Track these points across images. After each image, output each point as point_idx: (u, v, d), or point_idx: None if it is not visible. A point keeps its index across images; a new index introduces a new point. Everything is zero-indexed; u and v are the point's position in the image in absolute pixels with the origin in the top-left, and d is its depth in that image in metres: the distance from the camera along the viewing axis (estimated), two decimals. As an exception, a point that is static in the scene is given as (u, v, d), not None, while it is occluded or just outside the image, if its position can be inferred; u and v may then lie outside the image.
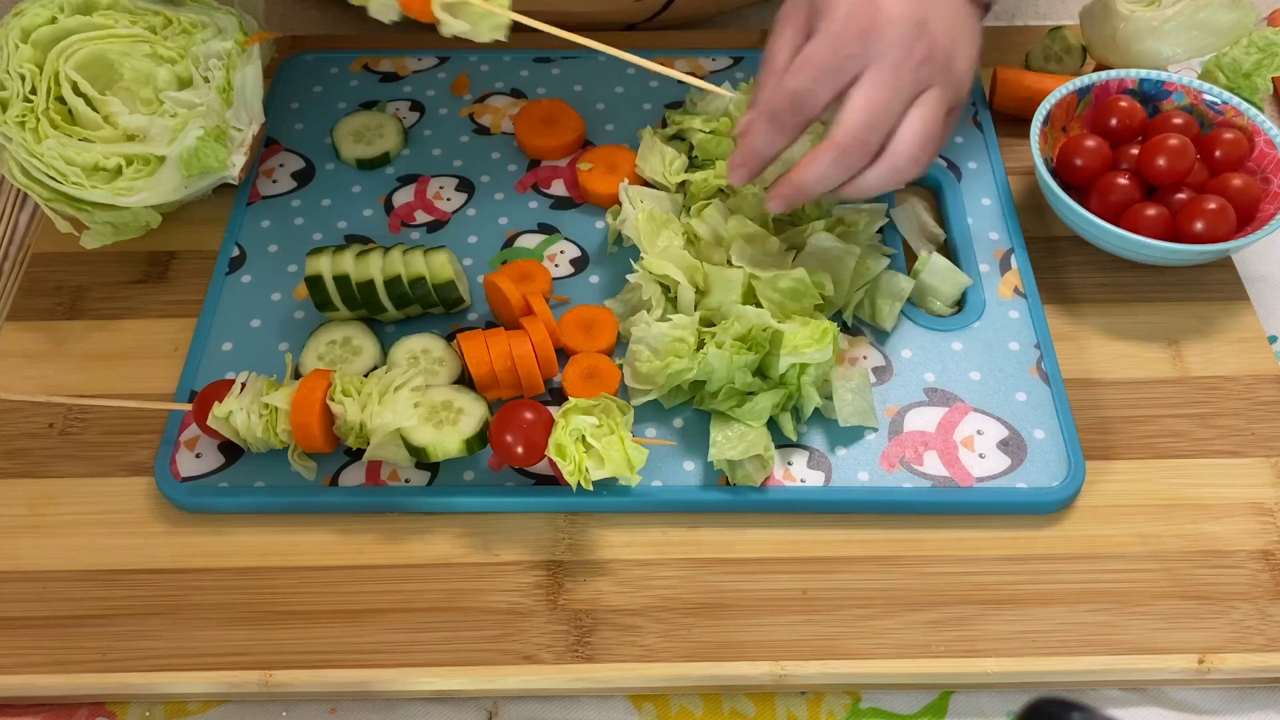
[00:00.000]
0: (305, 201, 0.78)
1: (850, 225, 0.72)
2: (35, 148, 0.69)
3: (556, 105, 0.81)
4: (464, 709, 0.60)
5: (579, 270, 0.74)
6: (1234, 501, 0.64)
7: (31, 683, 0.58)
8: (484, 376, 0.65)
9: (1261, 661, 0.58)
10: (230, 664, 0.58)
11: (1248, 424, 0.67)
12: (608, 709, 0.60)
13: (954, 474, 0.63)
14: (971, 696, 0.60)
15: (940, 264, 0.72)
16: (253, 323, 0.71)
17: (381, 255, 0.69)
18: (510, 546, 0.62)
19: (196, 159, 0.71)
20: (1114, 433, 0.67)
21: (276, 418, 0.62)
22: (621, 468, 0.59)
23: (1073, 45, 0.84)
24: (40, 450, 0.67)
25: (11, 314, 0.74)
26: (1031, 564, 0.61)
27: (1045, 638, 0.59)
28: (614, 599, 0.60)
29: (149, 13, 0.74)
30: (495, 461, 0.65)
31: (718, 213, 0.72)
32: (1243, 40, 0.77)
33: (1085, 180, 0.74)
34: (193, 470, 0.65)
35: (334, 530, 0.63)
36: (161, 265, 0.76)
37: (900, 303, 0.70)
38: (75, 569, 0.62)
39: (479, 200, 0.78)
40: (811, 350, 0.63)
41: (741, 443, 0.63)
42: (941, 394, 0.67)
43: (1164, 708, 0.59)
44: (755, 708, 0.60)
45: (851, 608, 0.60)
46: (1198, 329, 0.71)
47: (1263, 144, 0.74)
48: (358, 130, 0.81)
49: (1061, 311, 0.72)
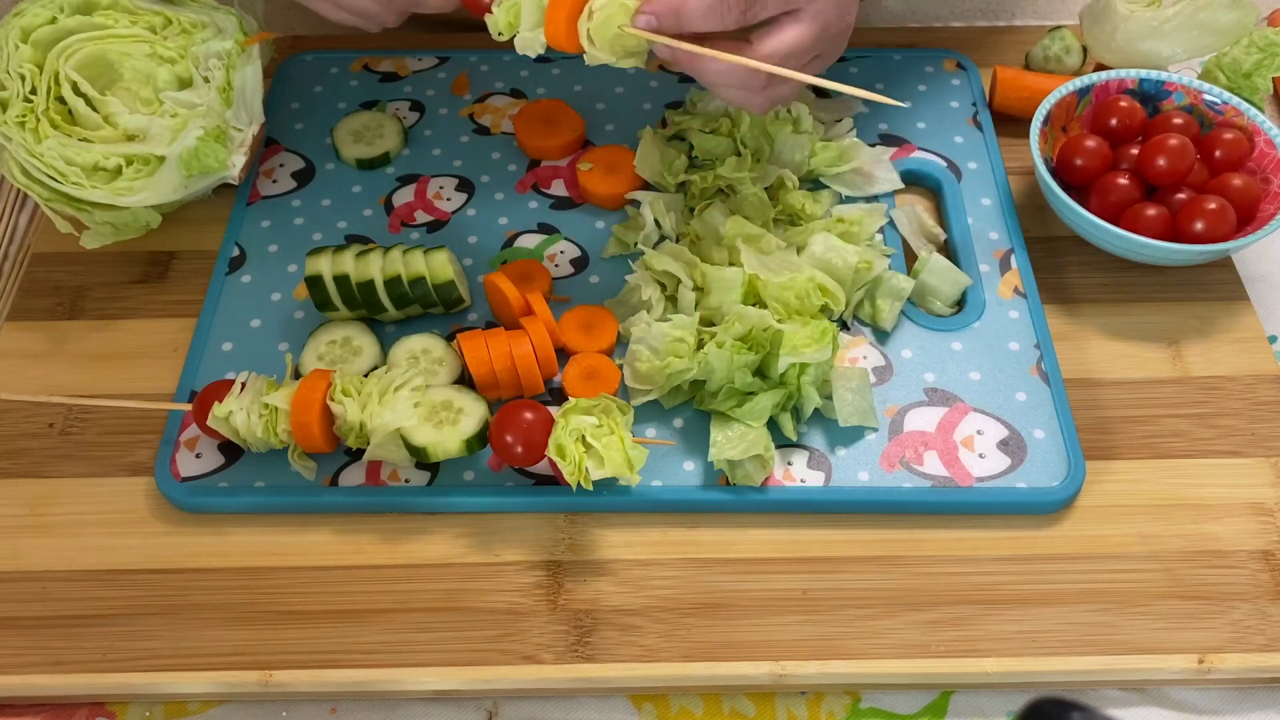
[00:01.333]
0: (305, 201, 0.78)
1: (850, 225, 0.72)
2: (35, 148, 0.69)
3: (556, 105, 0.81)
4: (464, 709, 0.60)
5: (579, 270, 0.74)
6: (1234, 501, 0.64)
7: (31, 683, 0.59)
8: (484, 376, 0.65)
9: (1261, 661, 0.58)
10: (230, 664, 0.58)
11: (1248, 424, 0.67)
12: (608, 709, 0.60)
13: (954, 474, 0.63)
14: (971, 696, 0.60)
15: (940, 264, 0.72)
16: (253, 323, 0.71)
17: (381, 255, 0.69)
18: (510, 546, 0.62)
19: (196, 159, 0.71)
20: (1114, 433, 0.67)
21: (276, 418, 0.62)
22: (621, 468, 0.59)
23: (1073, 45, 0.84)
24: (40, 450, 0.67)
25: (11, 314, 0.74)
26: (1031, 564, 0.61)
27: (1045, 638, 0.59)
28: (614, 599, 0.60)
29: (149, 13, 0.74)
30: (495, 461, 0.65)
31: (718, 212, 0.72)
32: (1243, 40, 0.77)
33: (1085, 180, 0.74)
34: (193, 470, 0.65)
35: (334, 530, 0.63)
36: (161, 265, 0.76)
37: (900, 303, 0.70)
38: (75, 569, 0.62)
39: (479, 200, 0.78)
40: (811, 350, 0.63)
41: (741, 443, 0.63)
42: (941, 394, 0.67)
43: (1164, 708, 0.59)
44: (755, 708, 0.60)
45: (851, 608, 0.60)
46: (1198, 329, 0.71)
47: (1263, 144, 0.74)
48: (358, 130, 0.81)
49: (1061, 311, 0.72)
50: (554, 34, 0.62)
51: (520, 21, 0.63)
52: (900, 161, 0.79)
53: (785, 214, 0.75)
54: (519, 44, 0.63)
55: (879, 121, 0.82)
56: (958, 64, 0.86)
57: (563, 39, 0.62)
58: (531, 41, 0.63)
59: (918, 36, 0.90)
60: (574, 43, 0.62)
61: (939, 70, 0.86)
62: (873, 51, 0.86)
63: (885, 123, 0.82)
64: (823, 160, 0.77)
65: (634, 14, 0.61)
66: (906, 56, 0.87)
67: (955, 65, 0.86)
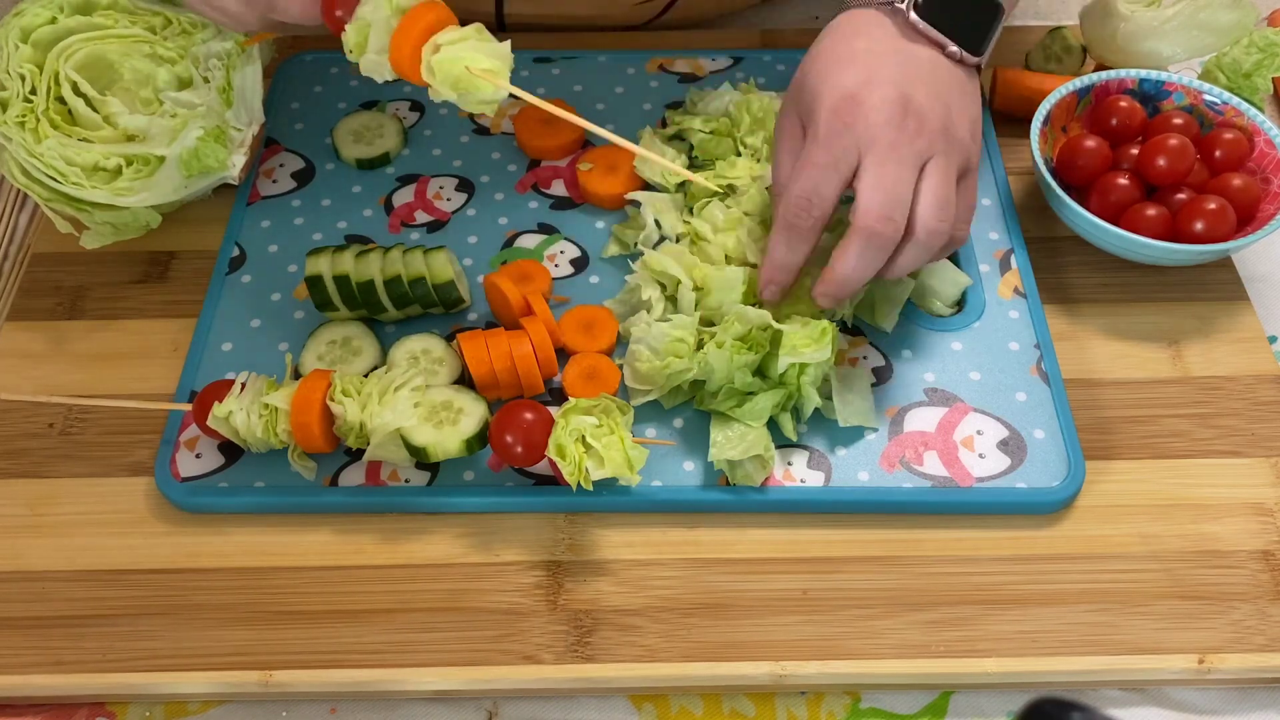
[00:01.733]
0: (305, 201, 0.78)
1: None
2: (35, 148, 0.69)
3: (556, 105, 0.81)
4: (464, 709, 0.60)
5: (579, 270, 0.74)
6: (1234, 501, 0.64)
7: (31, 683, 0.59)
8: (484, 377, 0.65)
9: (1261, 661, 0.58)
10: (230, 664, 0.58)
11: (1248, 424, 0.67)
12: (608, 709, 0.60)
13: (954, 474, 0.63)
14: (971, 696, 0.60)
15: (940, 264, 0.72)
16: (253, 323, 0.71)
17: (381, 255, 0.69)
18: (510, 546, 0.62)
19: (196, 159, 0.71)
20: (1114, 433, 0.67)
21: (276, 418, 0.62)
22: (621, 468, 0.59)
23: (1073, 45, 0.84)
24: (40, 450, 0.67)
25: (11, 314, 0.74)
26: (1031, 564, 0.61)
27: (1045, 638, 0.59)
28: (614, 599, 0.60)
29: (149, 13, 0.74)
30: (495, 461, 0.65)
31: (718, 212, 0.72)
32: (1243, 40, 0.77)
33: (1085, 180, 0.74)
34: (193, 470, 0.65)
35: (334, 530, 0.63)
36: (161, 265, 0.76)
37: (900, 303, 0.70)
38: (75, 569, 0.62)
39: (479, 200, 0.78)
40: (811, 350, 0.63)
41: (741, 443, 0.63)
42: (941, 394, 0.67)
43: (1164, 708, 0.59)
44: (755, 708, 0.60)
45: (851, 608, 0.60)
46: (1198, 329, 0.71)
47: (1263, 144, 0.74)
48: (358, 130, 0.81)
49: (1061, 311, 0.72)
50: (398, 60, 0.60)
51: (369, 44, 0.60)
52: (900, 161, 0.79)
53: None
54: (364, 66, 0.61)
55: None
56: (958, 64, 0.86)
57: (406, 67, 0.60)
58: (377, 65, 0.61)
59: (918, 36, 0.90)
60: (417, 73, 0.60)
61: (939, 70, 0.86)
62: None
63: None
64: (823, 160, 0.77)
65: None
66: (906, 56, 0.86)
67: (955, 65, 0.86)
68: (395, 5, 0.59)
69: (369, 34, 0.60)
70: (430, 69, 0.59)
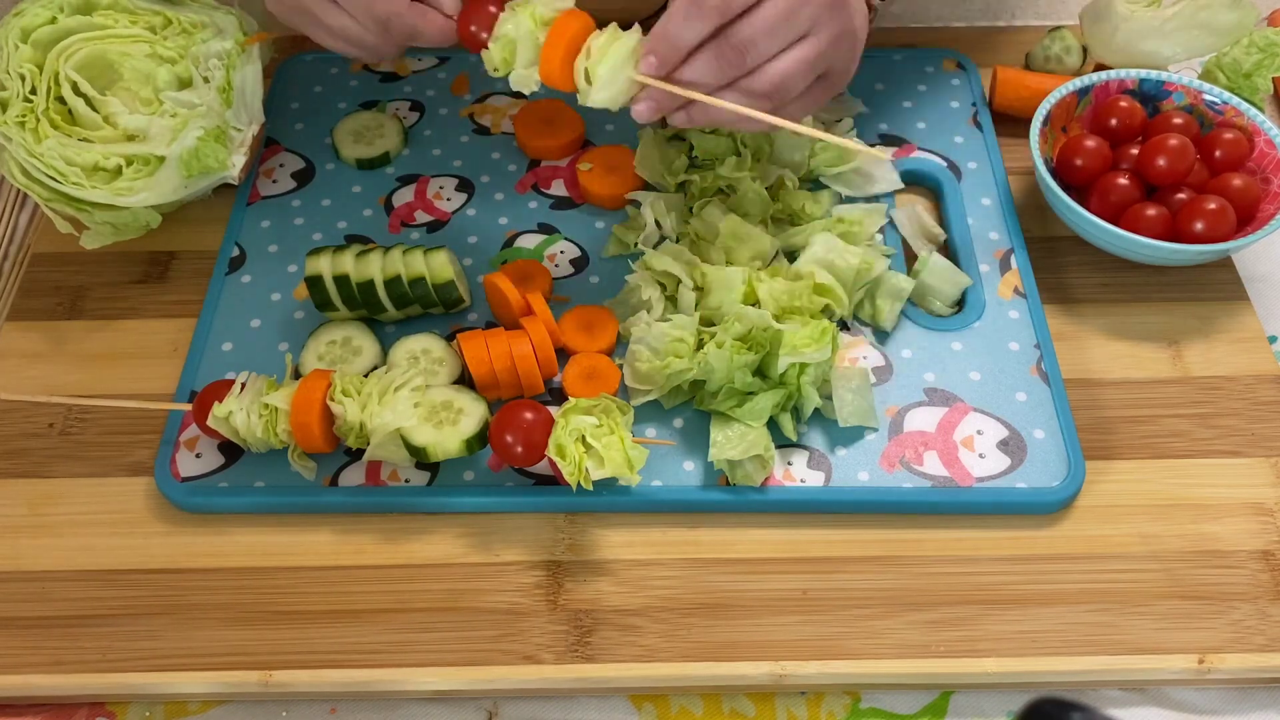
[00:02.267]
0: (305, 201, 0.78)
1: (851, 225, 0.72)
2: (35, 148, 0.69)
3: (556, 105, 0.81)
4: (464, 709, 0.60)
5: (579, 270, 0.74)
6: (1234, 501, 0.64)
7: (31, 683, 0.59)
8: (484, 376, 0.65)
9: (1261, 661, 0.58)
10: (230, 664, 0.58)
11: (1248, 424, 0.67)
12: (608, 709, 0.60)
13: (954, 474, 0.63)
14: (971, 696, 0.60)
15: (940, 264, 0.72)
16: (253, 323, 0.71)
17: (381, 255, 0.69)
18: (510, 546, 0.62)
19: (196, 159, 0.71)
20: (1114, 433, 0.67)
21: (276, 418, 0.62)
22: (621, 468, 0.59)
23: (1073, 45, 0.84)
24: (40, 450, 0.67)
25: (11, 314, 0.74)
26: (1031, 564, 0.61)
27: (1045, 638, 0.59)
28: (614, 599, 0.60)
29: (149, 13, 0.74)
30: (495, 461, 0.65)
31: (718, 212, 0.72)
32: (1243, 40, 0.77)
33: (1085, 180, 0.74)
34: (193, 470, 0.65)
35: (334, 530, 0.63)
36: (161, 265, 0.76)
37: (900, 303, 0.70)
38: (75, 569, 0.62)
39: (479, 200, 0.78)
40: (811, 350, 0.63)
41: (741, 443, 0.63)
42: (941, 394, 0.67)
43: (1164, 708, 0.59)
44: (755, 708, 0.60)
45: (851, 608, 0.60)
46: (1198, 329, 0.71)
47: (1263, 144, 0.74)
48: (358, 130, 0.81)
49: (1061, 311, 0.72)
50: (548, 72, 0.62)
51: (515, 59, 0.62)
52: (900, 161, 0.79)
53: (785, 214, 0.75)
54: (514, 81, 0.63)
55: (879, 122, 0.82)
56: (958, 64, 0.86)
57: (558, 77, 0.62)
58: (526, 79, 0.63)
59: (918, 36, 0.90)
60: (569, 81, 0.62)
61: (939, 70, 0.86)
62: (873, 52, 0.86)
63: (885, 123, 0.82)
64: (823, 160, 0.77)
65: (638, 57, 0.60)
66: (906, 56, 0.87)
67: (955, 65, 0.86)
68: (538, 19, 0.61)
69: (514, 49, 0.62)
70: (586, 76, 0.61)
